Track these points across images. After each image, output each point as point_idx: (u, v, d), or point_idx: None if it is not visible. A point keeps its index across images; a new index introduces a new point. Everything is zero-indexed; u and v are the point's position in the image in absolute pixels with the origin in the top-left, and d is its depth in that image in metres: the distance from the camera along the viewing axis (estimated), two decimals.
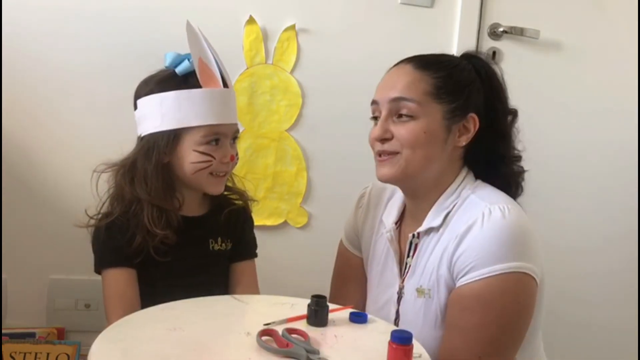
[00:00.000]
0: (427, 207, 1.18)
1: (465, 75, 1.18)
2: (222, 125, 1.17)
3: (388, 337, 0.84)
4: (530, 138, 1.98)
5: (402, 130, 1.13)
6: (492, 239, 1.05)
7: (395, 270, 1.22)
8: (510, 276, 1.04)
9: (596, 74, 2.03)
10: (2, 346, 1.56)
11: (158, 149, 1.16)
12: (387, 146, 1.14)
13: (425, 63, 1.17)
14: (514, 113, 1.25)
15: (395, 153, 1.14)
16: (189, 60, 1.18)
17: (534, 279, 1.06)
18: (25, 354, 1.59)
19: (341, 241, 1.39)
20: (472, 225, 1.07)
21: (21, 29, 1.63)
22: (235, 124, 1.22)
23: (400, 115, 1.14)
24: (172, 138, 1.16)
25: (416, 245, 1.18)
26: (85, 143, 1.67)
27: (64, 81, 1.67)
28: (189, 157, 1.17)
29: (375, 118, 1.19)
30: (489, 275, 1.04)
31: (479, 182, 1.20)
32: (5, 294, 1.68)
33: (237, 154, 1.23)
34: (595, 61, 2.02)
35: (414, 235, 1.18)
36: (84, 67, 1.68)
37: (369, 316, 1.04)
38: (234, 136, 1.22)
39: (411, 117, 1.13)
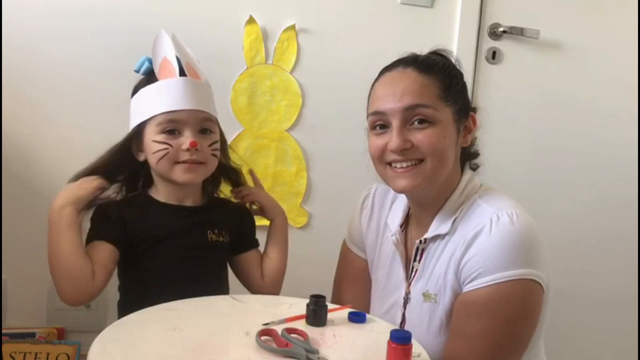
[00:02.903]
0: (433, 212, 1.17)
1: (459, 74, 1.18)
2: (178, 113, 1.16)
3: (387, 337, 0.84)
4: (530, 137, 2.01)
5: (421, 137, 1.10)
6: (500, 245, 1.04)
7: (402, 274, 1.21)
8: (518, 283, 1.03)
9: (596, 74, 2.03)
10: (2, 346, 1.56)
11: (126, 144, 1.21)
12: (412, 154, 1.11)
13: (426, 66, 1.14)
14: (474, 110, 1.23)
15: (419, 161, 1.11)
16: (148, 61, 1.22)
17: (541, 285, 1.06)
18: (25, 354, 1.59)
19: (344, 242, 1.39)
20: (480, 231, 1.06)
21: (20, 28, 1.63)
22: (202, 112, 1.18)
23: (414, 122, 1.10)
24: (135, 134, 1.20)
25: (423, 250, 1.18)
26: (85, 142, 1.66)
27: (65, 81, 1.67)
28: (150, 148, 1.18)
29: (377, 127, 1.15)
30: (496, 282, 1.03)
31: (484, 185, 1.19)
32: (5, 294, 1.68)
33: (213, 143, 1.21)
34: (595, 61, 2.02)
35: (420, 242, 1.17)
36: (85, 66, 1.68)
37: (368, 316, 1.04)
38: (203, 126, 1.19)
39: (429, 123, 1.10)
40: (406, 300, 1.20)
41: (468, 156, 1.23)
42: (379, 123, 1.15)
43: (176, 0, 1.72)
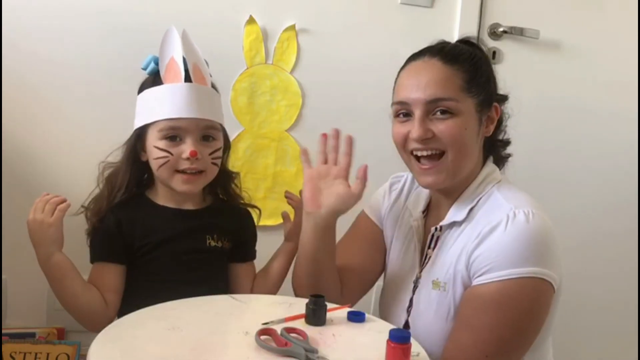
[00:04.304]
0: (452, 200, 1.19)
1: (485, 65, 1.19)
2: (180, 120, 1.15)
3: (386, 336, 0.84)
4: (530, 138, 2.01)
5: (442, 127, 1.12)
6: (514, 242, 1.05)
7: (416, 259, 1.23)
8: (528, 281, 1.04)
9: (596, 74, 2.03)
10: (2, 346, 1.56)
11: (131, 146, 1.21)
12: (433, 144, 1.13)
13: (451, 57, 1.15)
14: (505, 98, 1.24)
15: (441, 153, 1.13)
16: (154, 62, 1.20)
17: (552, 285, 1.07)
18: (25, 354, 1.59)
19: (362, 213, 1.37)
20: (495, 226, 1.07)
21: (20, 28, 1.63)
22: (205, 120, 1.18)
23: (437, 112, 1.12)
24: (138, 135, 1.20)
25: (438, 237, 1.19)
26: (85, 142, 1.67)
27: (64, 80, 1.67)
28: (152, 153, 1.18)
29: (400, 115, 1.17)
30: (506, 277, 1.04)
31: (504, 178, 1.20)
32: (5, 294, 1.68)
33: (215, 151, 1.20)
34: (595, 61, 2.02)
35: (436, 229, 1.19)
36: (85, 65, 1.68)
37: (367, 315, 1.04)
38: (206, 133, 1.19)
39: (451, 114, 1.12)
40: (416, 286, 1.21)
41: (498, 145, 1.24)
42: (402, 111, 1.16)
43: (176, 0, 1.73)
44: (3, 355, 1.56)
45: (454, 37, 1.88)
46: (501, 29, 1.94)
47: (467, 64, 1.15)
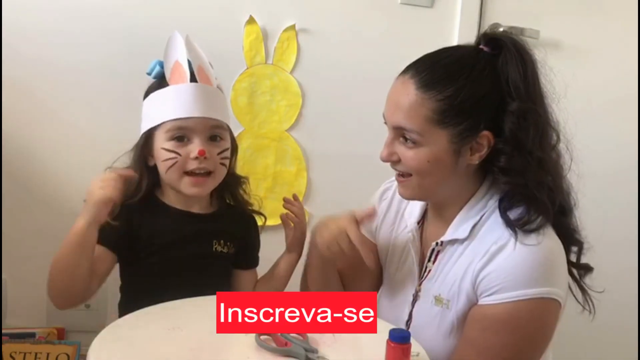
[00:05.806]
0: (451, 216, 1.14)
1: (476, 87, 1.06)
2: (188, 120, 1.15)
3: (386, 336, 0.84)
4: None
5: (407, 155, 1.08)
6: (524, 262, 1.03)
7: (415, 271, 1.20)
8: (539, 302, 1.03)
9: (596, 74, 2.02)
10: (2, 346, 1.56)
11: (139, 151, 1.20)
12: (399, 167, 1.11)
13: (429, 81, 1.05)
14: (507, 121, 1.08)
15: (407, 175, 1.11)
16: (160, 65, 1.20)
17: (560, 303, 1.06)
18: (25, 354, 1.59)
19: None
20: (504, 245, 1.04)
21: (21, 28, 1.63)
22: (213, 119, 1.17)
23: (403, 138, 1.08)
24: (146, 139, 1.19)
25: (438, 251, 1.16)
26: (85, 143, 1.68)
27: (65, 81, 1.67)
28: (159, 155, 1.17)
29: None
30: (517, 299, 1.02)
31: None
32: (5, 294, 1.68)
33: (223, 151, 1.20)
34: (595, 61, 2.02)
35: (437, 244, 1.15)
36: (84, 67, 1.68)
37: None
38: (213, 133, 1.18)
39: (415, 143, 1.07)
40: (415, 298, 1.19)
41: (495, 170, 1.10)
42: (385, 123, 1.13)
43: (176, 0, 1.73)
44: (3, 355, 1.56)
45: (454, 38, 1.90)
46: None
47: (448, 90, 1.05)
